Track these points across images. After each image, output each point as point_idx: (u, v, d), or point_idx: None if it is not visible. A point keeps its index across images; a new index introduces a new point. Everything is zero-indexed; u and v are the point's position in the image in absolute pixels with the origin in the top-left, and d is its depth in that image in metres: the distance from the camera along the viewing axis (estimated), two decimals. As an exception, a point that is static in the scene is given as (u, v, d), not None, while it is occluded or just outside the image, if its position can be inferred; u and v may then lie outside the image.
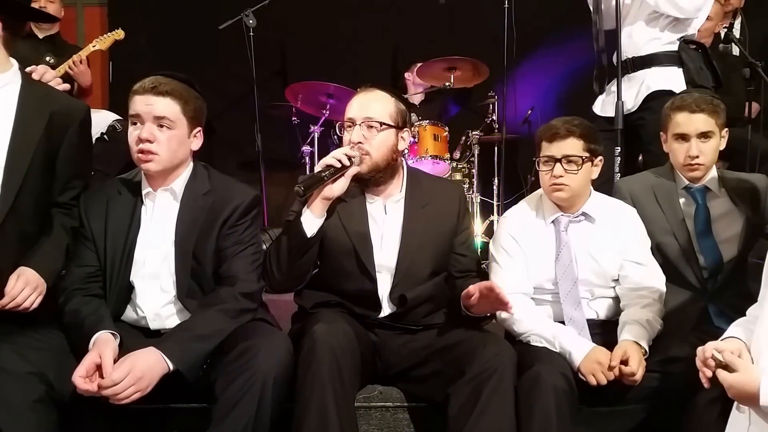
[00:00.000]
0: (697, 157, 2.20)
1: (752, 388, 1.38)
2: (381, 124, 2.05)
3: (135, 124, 1.94)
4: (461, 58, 4.28)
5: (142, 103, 1.92)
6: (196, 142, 2.03)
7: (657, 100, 2.72)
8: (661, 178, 2.34)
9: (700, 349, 1.52)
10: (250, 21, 3.93)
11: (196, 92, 2.02)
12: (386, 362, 2.10)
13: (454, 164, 4.30)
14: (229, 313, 1.91)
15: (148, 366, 1.74)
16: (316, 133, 4.27)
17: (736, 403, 1.48)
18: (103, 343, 1.78)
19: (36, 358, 1.78)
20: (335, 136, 4.38)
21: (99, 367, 1.73)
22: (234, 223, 2.01)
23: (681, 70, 2.82)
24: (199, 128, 2.02)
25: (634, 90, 2.85)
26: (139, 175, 2.04)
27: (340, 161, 1.96)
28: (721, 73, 2.97)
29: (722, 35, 3.51)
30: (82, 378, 1.70)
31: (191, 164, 2.06)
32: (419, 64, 4.46)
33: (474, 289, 1.89)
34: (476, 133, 4.37)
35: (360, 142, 2.02)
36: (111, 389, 1.69)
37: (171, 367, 1.77)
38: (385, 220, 2.12)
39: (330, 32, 5.11)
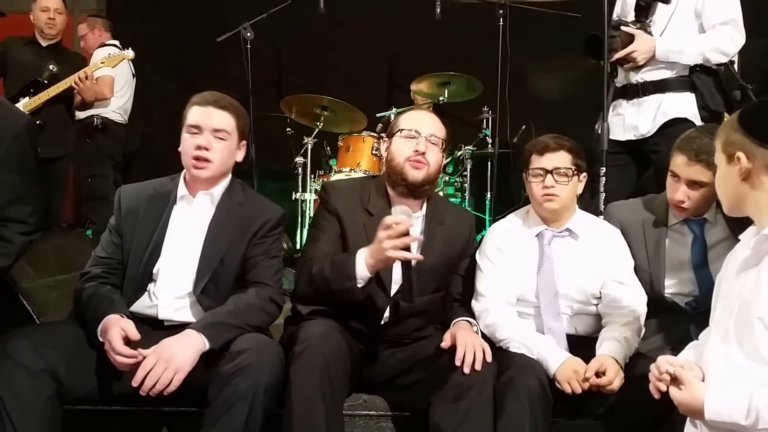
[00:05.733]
0: (683, 201, 2.18)
1: (698, 403, 1.47)
2: (443, 142, 2.20)
3: (194, 133, 2.06)
4: (455, 73, 4.32)
5: (203, 115, 2.06)
6: (240, 154, 2.17)
7: (673, 127, 2.71)
8: (655, 210, 2.33)
9: (653, 365, 1.60)
10: (248, 34, 3.96)
11: (244, 109, 2.18)
12: (372, 371, 2.14)
13: (446, 178, 4.32)
14: (265, 313, 2.04)
15: (177, 342, 1.84)
16: (309, 145, 4.29)
17: (688, 418, 1.55)
18: (116, 319, 1.87)
19: (50, 354, 1.84)
20: (328, 148, 4.43)
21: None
22: (264, 234, 2.13)
23: (693, 95, 2.79)
24: (244, 141, 2.16)
25: (650, 114, 2.81)
26: (177, 179, 2.16)
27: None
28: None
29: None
30: (122, 346, 1.81)
31: (230, 176, 2.18)
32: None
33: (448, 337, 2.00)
34: (469, 147, 4.40)
35: (424, 153, 2.13)
36: (147, 380, 1.77)
37: (208, 346, 1.86)
38: None
39: (325, 46, 5.16)
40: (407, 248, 1.90)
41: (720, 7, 2.74)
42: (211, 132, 2.06)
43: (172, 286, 2.07)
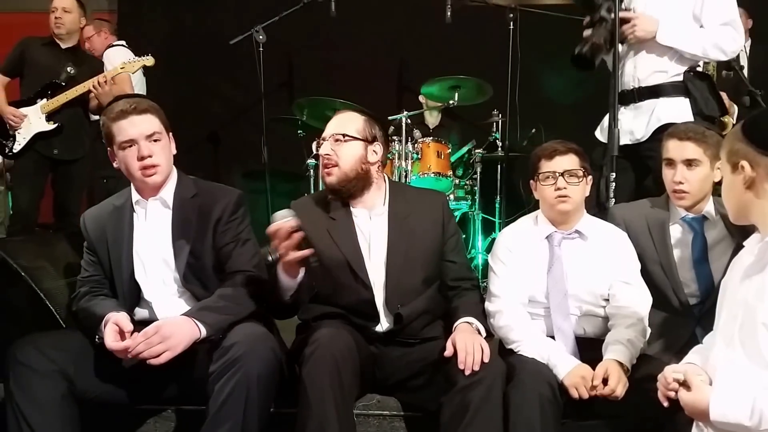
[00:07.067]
0: (681, 183, 2.24)
1: (703, 404, 1.49)
2: (344, 136, 2.20)
3: (129, 147, 2.05)
4: (466, 77, 4.34)
5: (130, 126, 2.04)
6: (173, 146, 2.17)
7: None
8: (656, 208, 2.38)
9: (660, 375, 1.63)
10: (260, 37, 4.00)
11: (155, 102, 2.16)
12: (385, 373, 2.18)
13: (456, 181, 4.35)
14: (252, 296, 2.06)
15: (177, 325, 1.88)
16: (321, 147, 4.32)
17: (694, 421, 1.58)
18: (114, 315, 1.92)
19: (57, 357, 1.89)
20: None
21: (122, 334, 1.87)
22: (227, 219, 2.15)
23: (688, 100, 2.78)
24: (170, 132, 2.16)
25: (644, 120, 2.82)
26: (128, 190, 2.18)
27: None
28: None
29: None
30: (113, 341, 1.85)
31: (175, 172, 2.19)
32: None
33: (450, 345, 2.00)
34: (479, 150, 4.43)
35: (328, 154, 2.18)
36: (141, 344, 1.81)
37: (203, 332, 1.89)
38: (371, 231, 2.23)
39: (337, 49, 5.20)
40: (303, 247, 1.96)
41: (719, 9, 2.73)
42: (146, 139, 2.05)
43: (159, 289, 2.12)
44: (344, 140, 2.20)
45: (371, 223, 2.24)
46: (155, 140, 2.07)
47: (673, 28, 2.73)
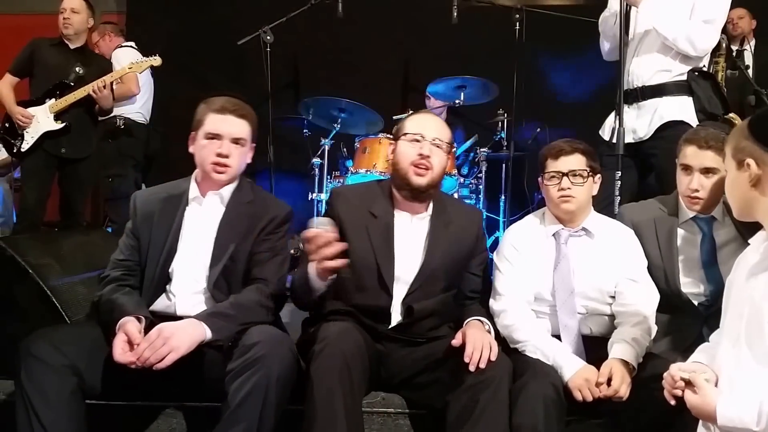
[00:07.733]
0: (697, 191, 2.22)
1: (710, 408, 1.49)
2: (449, 145, 2.24)
3: (213, 139, 2.12)
4: (471, 76, 4.35)
5: (223, 123, 2.13)
6: (250, 156, 2.24)
7: (670, 130, 2.74)
8: (665, 210, 2.37)
9: (667, 374, 1.63)
10: (268, 37, 4.02)
11: (254, 113, 2.23)
12: (390, 371, 2.17)
13: (461, 180, 4.36)
14: (264, 309, 2.07)
15: (179, 326, 1.88)
16: (326, 146, 4.34)
17: (701, 420, 1.58)
18: (125, 322, 1.92)
19: (69, 351, 1.89)
20: (344, 150, 4.48)
21: (131, 344, 1.88)
22: (271, 230, 2.19)
23: (691, 99, 2.81)
24: (254, 144, 2.23)
25: (647, 118, 2.84)
26: (188, 181, 2.23)
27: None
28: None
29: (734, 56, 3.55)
30: (121, 353, 1.85)
31: (239, 176, 2.24)
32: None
33: (459, 336, 2.01)
34: (484, 149, 4.44)
35: (429, 156, 2.17)
36: (146, 351, 1.82)
37: (208, 335, 1.90)
38: (410, 234, 2.23)
39: (343, 49, 5.22)
40: (334, 257, 1.94)
41: (708, 6, 2.75)
42: (231, 140, 2.14)
43: (187, 284, 2.13)
44: (445, 149, 2.23)
45: (411, 227, 2.24)
46: (238, 144, 2.15)
47: (658, 5, 2.75)
